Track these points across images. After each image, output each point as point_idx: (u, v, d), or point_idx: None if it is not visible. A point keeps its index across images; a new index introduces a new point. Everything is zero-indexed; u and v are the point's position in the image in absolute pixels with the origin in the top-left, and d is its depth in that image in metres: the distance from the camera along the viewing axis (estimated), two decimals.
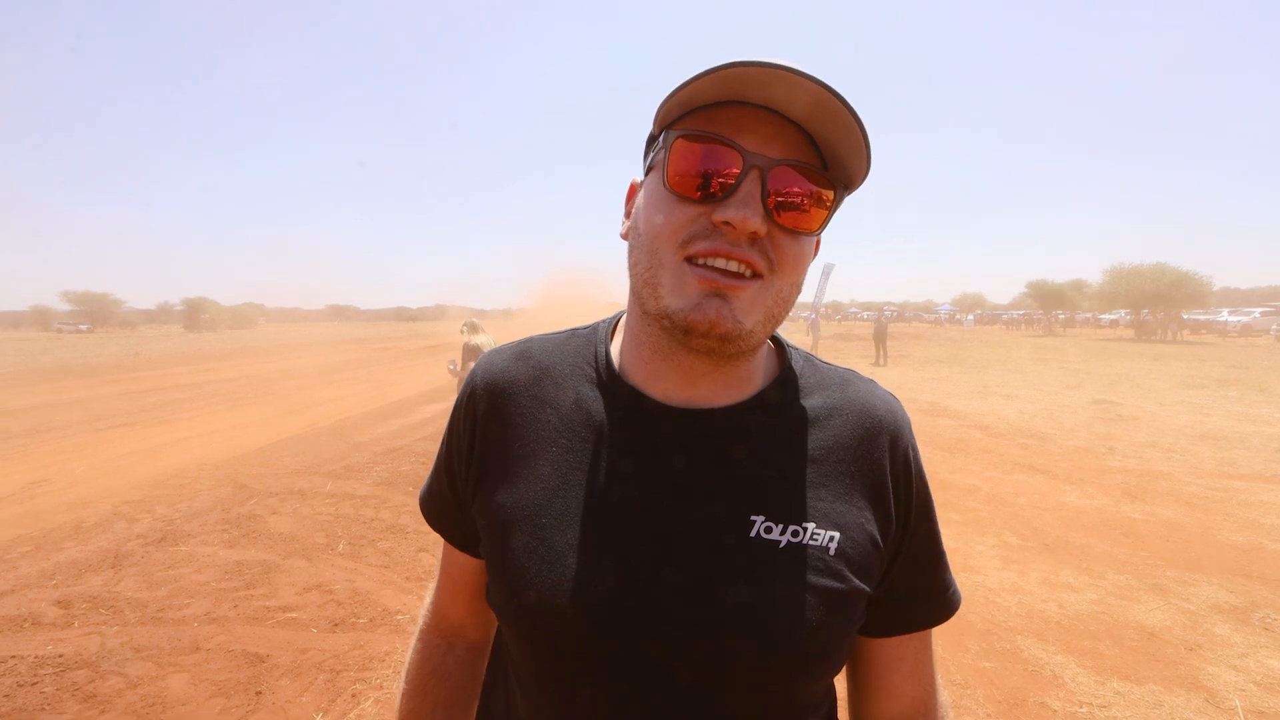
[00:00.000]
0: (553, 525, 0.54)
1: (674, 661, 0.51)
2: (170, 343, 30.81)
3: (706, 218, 0.49)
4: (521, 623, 0.55)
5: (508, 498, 0.57)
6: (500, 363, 0.64)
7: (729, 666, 0.51)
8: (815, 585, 0.52)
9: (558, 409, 0.59)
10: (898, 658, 0.62)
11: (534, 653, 0.56)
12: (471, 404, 0.63)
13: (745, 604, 0.50)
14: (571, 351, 0.63)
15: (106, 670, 2.65)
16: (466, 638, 0.73)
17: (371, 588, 3.45)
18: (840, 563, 0.53)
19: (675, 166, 0.50)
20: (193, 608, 3.20)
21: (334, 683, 2.60)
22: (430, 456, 6.37)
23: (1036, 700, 2.52)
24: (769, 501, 0.53)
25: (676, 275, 0.50)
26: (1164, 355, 20.02)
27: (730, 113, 0.50)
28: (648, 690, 0.52)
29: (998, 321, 57.30)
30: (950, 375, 14.33)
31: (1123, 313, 39.62)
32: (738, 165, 0.48)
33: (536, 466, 0.57)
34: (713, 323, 0.48)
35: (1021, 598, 3.39)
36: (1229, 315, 33.38)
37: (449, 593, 0.71)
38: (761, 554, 0.52)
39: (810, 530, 0.53)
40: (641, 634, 0.51)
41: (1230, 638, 2.99)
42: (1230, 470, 5.93)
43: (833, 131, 0.49)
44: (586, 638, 0.52)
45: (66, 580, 3.50)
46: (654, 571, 0.52)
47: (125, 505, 4.85)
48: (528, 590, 0.53)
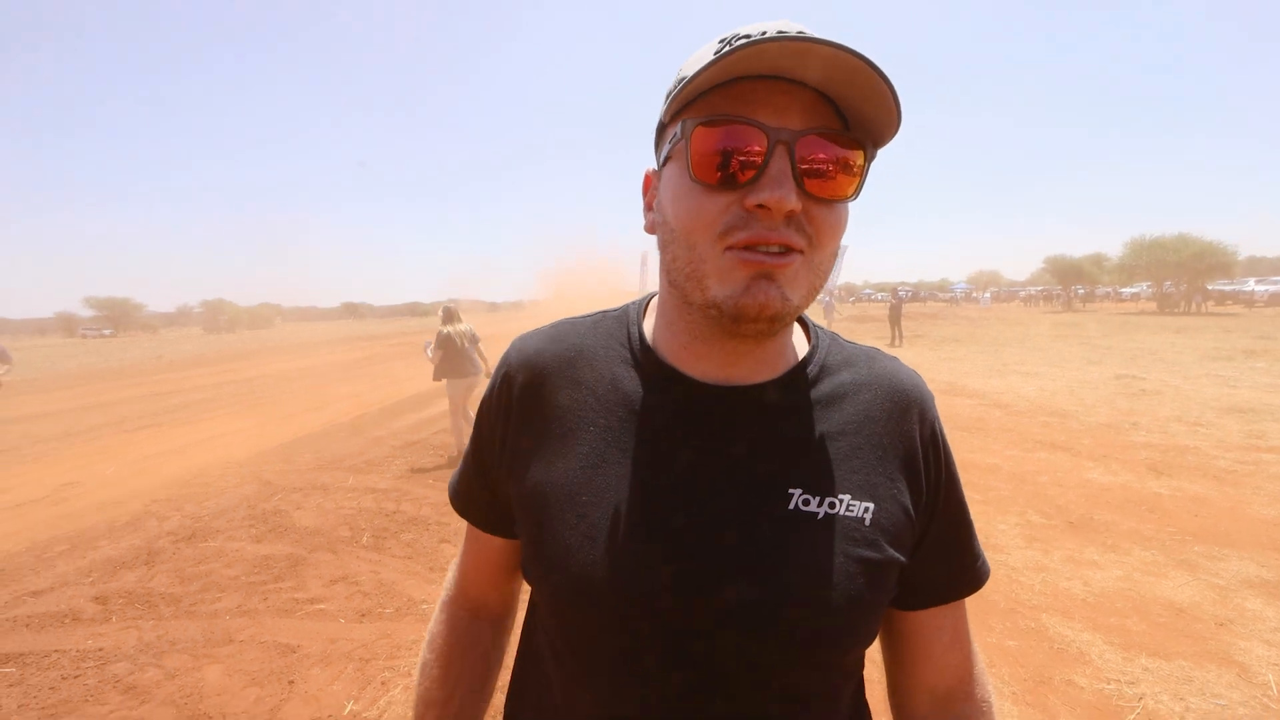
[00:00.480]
0: (592, 502, 0.55)
1: (717, 632, 0.51)
2: (191, 345, 31.35)
3: (739, 204, 0.48)
4: (560, 600, 0.55)
5: (545, 476, 0.57)
6: (533, 345, 0.64)
7: (771, 637, 0.51)
8: (853, 555, 0.52)
9: (593, 389, 0.59)
10: (937, 628, 0.62)
11: (574, 630, 0.56)
12: (506, 386, 0.63)
13: (786, 576, 0.51)
14: (604, 333, 0.63)
15: (144, 663, 2.73)
16: (490, 610, 0.74)
17: (396, 578, 3.51)
18: (876, 533, 0.54)
19: (698, 155, 0.48)
20: (224, 601, 3.27)
21: (363, 671, 2.65)
22: (448, 448, 6.45)
23: (1063, 678, 2.51)
24: (805, 475, 0.54)
25: (719, 265, 0.49)
26: (1188, 328, 19.61)
27: (742, 88, 0.48)
28: (692, 663, 0.52)
29: (1015, 299, 56.44)
30: (967, 354, 14.15)
31: (1144, 286, 38.82)
32: (762, 143, 0.47)
33: (574, 445, 0.57)
34: (763, 305, 0.48)
35: (1046, 576, 3.36)
36: (1256, 284, 32.55)
37: (474, 569, 0.72)
38: (801, 525, 0.52)
39: (846, 502, 0.54)
40: (684, 605, 0.51)
41: (1262, 612, 2.94)
42: (1259, 443, 5.80)
43: (853, 90, 0.47)
44: (629, 611, 0.52)
45: (102, 577, 3.60)
46: (696, 544, 0.52)
47: (155, 504, 4.96)
48: (569, 567, 0.53)
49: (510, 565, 0.71)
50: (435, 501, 4.80)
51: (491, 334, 7.24)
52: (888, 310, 18.08)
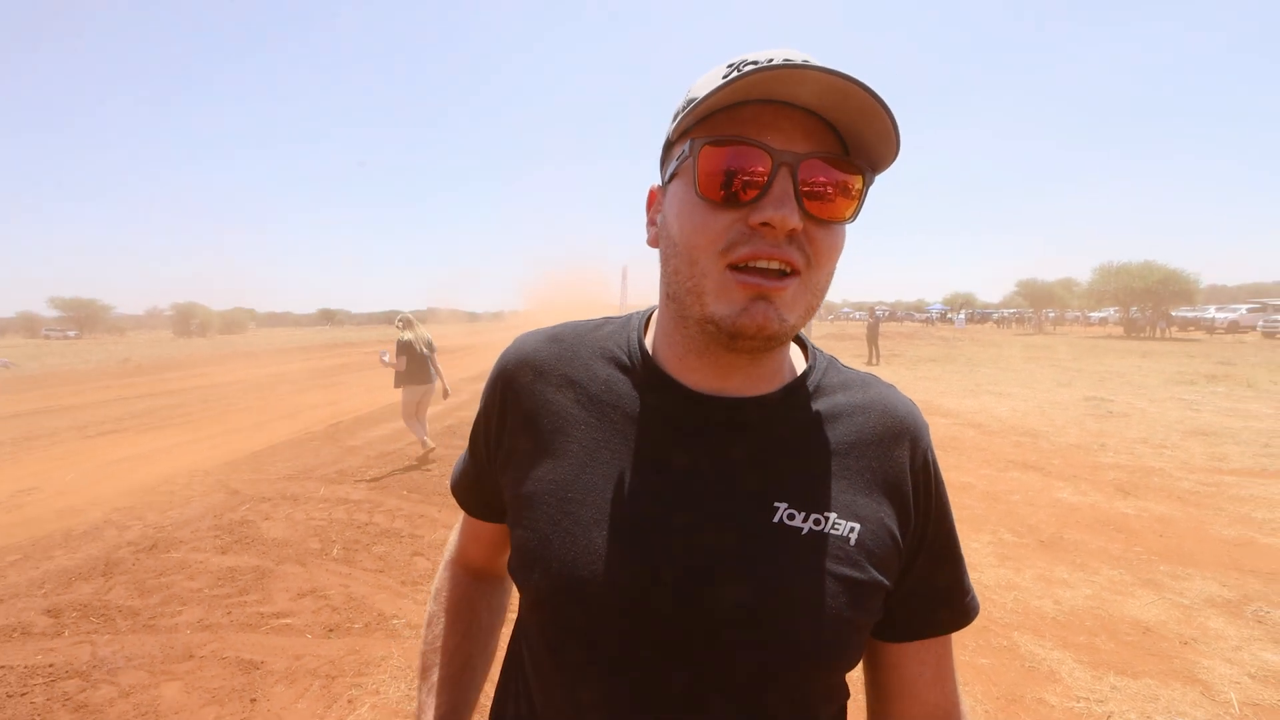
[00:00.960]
0: (578, 500, 0.55)
1: (692, 640, 0.51)
2: (160, 348, 30.56)
3: (743, 222, 0.50)
4: (542, 595, 0.55)
5: (535, 472, 0.59)
6: (532, 344, 0.65)
7: (747, 650, 0.51)
8: (835, 572, 0.53)
9: (588, 390, 0.61)
10: (921, 663, 0.62)
11: (553, 628, 0.57)
12: (503, 382, 0.64)
13: (766, 587, 0.51)
14: (604, 337, 0.65)
15: (98, 679, 2.62)
16: (490, 576, 0.79)
17: (366, 592, 3.42)
18: (860, 553, 0.54)
19: (705, 174, 0.50)
20: (185, 615, 3.16)
21: (329, 689, 2.58)
22: (425, 460, 6.35)
23: (1034, 696, 2.53)
24: (792, 490, 0.55)
25: (720, 283, 0.50)
26: (1153, 352, 20.20)
27: (749, 111, 0.50)
28: (665, 667, 0.52)
29: (988, 320, 57.68)
30: (942, 374, 14.40)
31: (1112, 310, 39.97)
32: (766, 164, 0.49)
33: (565, 444, 0.58)
34: (760, 326, 0.49)
35: (1018, 594, 3.40)
36: (1216, 312, 33.69)
37: (472, 543, 0.77)
38: (783, 539, 0.53)
39: (832, 520, 0.54)
40: (661, 610, 0.51)
41: (1224, 631, 3.01)
42: (1221, 465, 5.98)
43: (853, 118, 0.49)
44: (607, 611, 0.52)
45: (56, 589, 3.45)
46: (677, 548, 0.53)
47: (116, 512, 4.80)
48: (550, 562, 0.54)
49: (506, 543, 0.72)
50: (409, 513, 4.72)
51: (472, 344, 7.18)
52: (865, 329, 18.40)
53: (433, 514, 4.72)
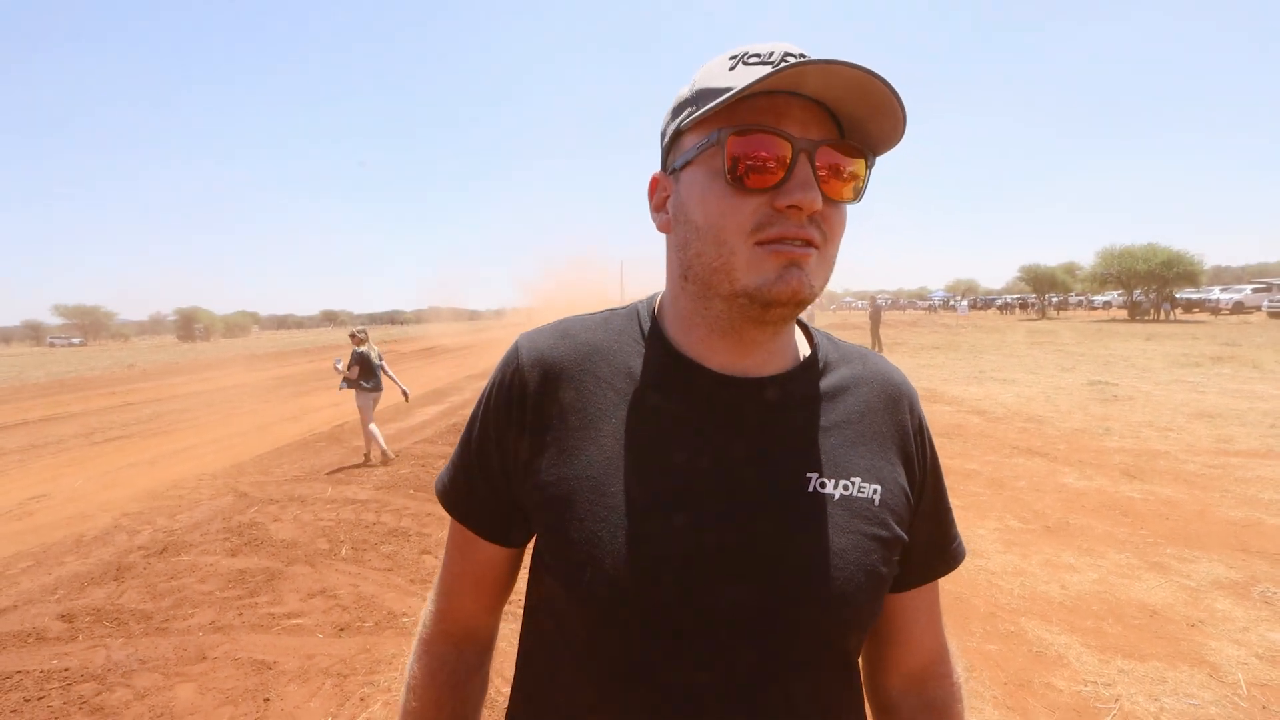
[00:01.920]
0: (620, 491, 0.56)
1: (748, 612, 0.53)
2: (164, 353, 30.67)
3: (768, 205, 0.53)
4: (594, 591, 0.54)
5: (568, 470, 0.58)
6: (543, 341, 0.64)
7: (799, 612, 0.54)
8: (866, 532, 0.57)
9: (611, 383, 0.61)
10: (915, 608, 0.67)
11: (605, 622, 0.55)
12: (518, 382, 0.62)
13: (811, 551, 0.55)
14: (615, 329, 0.65)
15: (113, 682, 2.65)
16: (477, 639, 0.71)
17: (376, 591, 3.45)
18: (884, 512, 0.58)
19: (733, 160, 0.52)
20: (197, 617, 3.19)
21: (342, 687, 2.60)
22: (430, 458, 6.37)
23: (1042, 680, 2.54)
24: (820, 459, 0.58)
25: (750, 258, 0.53)
26: (1157, 335, 20.12)
27: (766, 102, 0.53)
28: (732, 643, 0.54)
29: (991, 307, 57.49)
30: (946, 361, 14.37)
31: (1115, 294, 39.78)
32: (788, 151, 0.52)
33: (596, 437, 0.58)
34: (795, 290, 0.53)
35: (1024, 580, 3.41)
36: (1220, 293, 33.51)
37: (465, 593, 0.69)
38: (820, 506, 0.56)
39: (857, 484, 0.58)
40: (718, 585, 0.53)
41: (1231, 612, 3.01)
42: (1227, 447, 5.96)
43: (864, 110, 0.53)
44: (664, 594, 0.53)
45: (69, 594, 3.49)
46: (725, 527, 0.54)
47: (125, 518, 4.84)
48: (602, 558, 0.54)
49: (504, 581, 0.69)
50: (416, 512, 4.74)
51: (471, 344, 7.18)
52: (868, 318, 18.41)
53: (440, 512, 4.74)
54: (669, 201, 0.61)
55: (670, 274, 0.62)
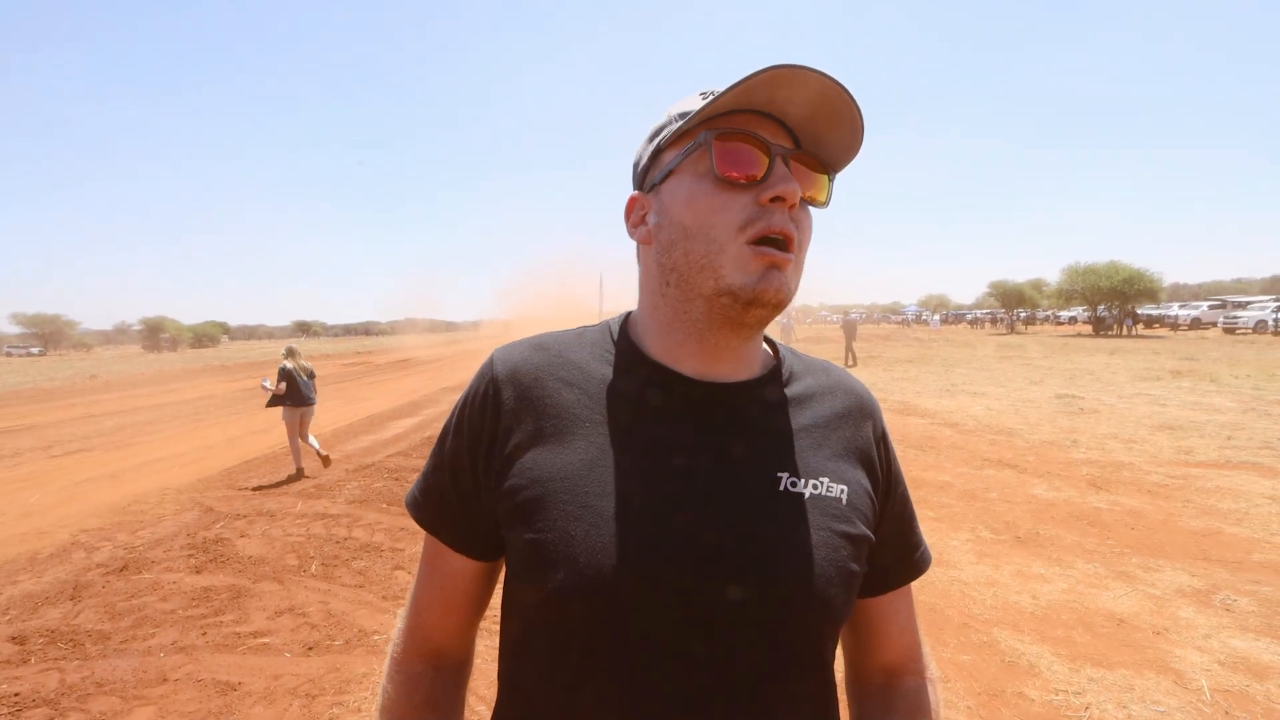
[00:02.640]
0: (595, 492, 0.57)
1: (722, 608, 0.55)
2: (129, 364, 29.77)
3: (753, 202, 0.57)
4: (567, 593, 0.54)
5: (542, 473, 0.59)
6: (519, 353, 0.66)
7: (773, 608, 0.56)
8: (835, 529, 0.59)
9: (585, 389, 0.63)
10: (892, 611, 0.70)
11: (582, 624, 0.56)
12: (493, 392, 0.63)
13: (783, 546, 0.57)
14: (589, 342, 0.67)
15: (67, 707, 2.54)
16: (451, 659, 0.70)
17: (346, 608, 3.37)
18: (851, 511, 0.61)
19: (721, 161, 0.57)
20: (158, 637, 3.08)
21: (310, 708, 2.53)
22: (403, 471, 6.27)
23: (1014, 690, 2.57)
24: (789, 460, 0.61)
25: (737, 256, 0.56)
26: (1121, 349, 20.75)
27: (738, 119, 0.59)
28: (697, 638, 0.55)
29: (962, 321, 58.74)
30: (919, 374, 14.62)
31: (1080, 310, 40.95)
32: (766, 154, 0.57)
33: (571, 442, 0.60)
34: (775, 291, 0.56)
35: (996, 590, 3.46)
36: (1179, 309, 34.73)
37: (438, 608, 0.68)
38: (790, 504, 0.59)
39: (825, 484, 0.61)
40: (693, 583, 0.54)
41: (1194, 620, 3.10)
42: (1188, 458, 6.15)
43: (826, 127, 0.59)
44: (640, 595, 0.54)
45: (21, 615, 3.34)
46: (700, 527, 0.56)
47: (84, 534, 4.66)
48: (577, 558, 0.54)
49: (478, 597, 0.68)
50: (389, 527, 4.65)
51: (449, 354, 7.11)
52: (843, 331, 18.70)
53: (413, 527, 4.65)
54: (648, 216, 0.64)
55: (648, 286, 0.65)
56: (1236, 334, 27.41)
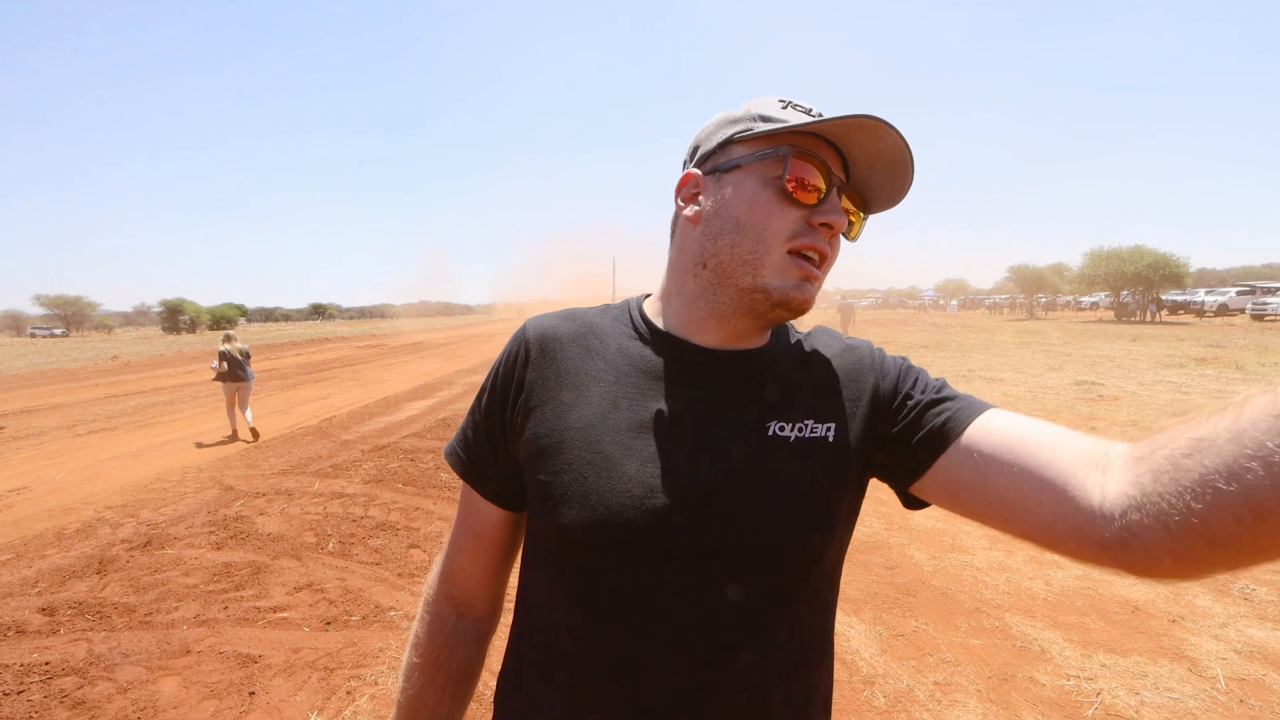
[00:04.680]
0: (607, 439, 0.64)
1: (711, 542, 0.61)
2: (149, 345, 30.29)
3: (804, 220, 0.63)
4: (578, 528, 0.62)
5: (560, 423, 0.66)
6: (548, 322, 0.74)
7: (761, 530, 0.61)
8: (815, 458, 0.64)
9: (603, 354, 0.70)
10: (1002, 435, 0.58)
11: (589, 558, 0.63)
12: (522, 351, 0.72)
13: (768, 478, 0.63)
14: (611, 316, 0.75)
15: (95, 676, 2.62)
16: (476, 609, 0.77)
17: (363, 585, 3.43)
18: (837, 442, 0.65)
19: (793, 177, 0.62)
20: (181, 611, 3.16)
21: (328, 681, 2.59)
22: (418, 452, 6.34)
23: (1025, 675, 2.57)
24: (780, 410, 0.66)
25: (780, 262, 0.63)
26: (1143, 336, 20.37)
27: (810, 140, 0.64)
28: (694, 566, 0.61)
29: (980, 306, 57.92)
30: (936, 360, 14.47)
31: (1103, 295, 40.21)
32: (827, 181, 0.63)
33: (588, 397, 0.67)
34: (804, 301, 0.64)
35: (1009, 576, 3.45)
36: (1205, 295, 33.96)
37: (468, 553, 0.76)
38: (776, 445, 0.64)
39: (811, 425, 0.66)
40: (694, 511, 0.61)
41: (1211, 609, 3.06)
42: None
43: (881, 178, 0.66)
44: (645, 530, 0.60)
45: (50, 588, 3.44)
46: (695, 470, 0.62)
47: (108, 510, 4.77)
48: (588, 496, 0.62)
49: (505, 544, 0.75)
50: (404, 506, 4.72)
51: (459, 337, 7.13)
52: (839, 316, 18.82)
53: (428, 506, 4.72)
54: (700, 197, 0.68)
55: (680, 263, 0.71)
56: (1265, 321, 26.77)
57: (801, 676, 0.66)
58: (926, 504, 0.65)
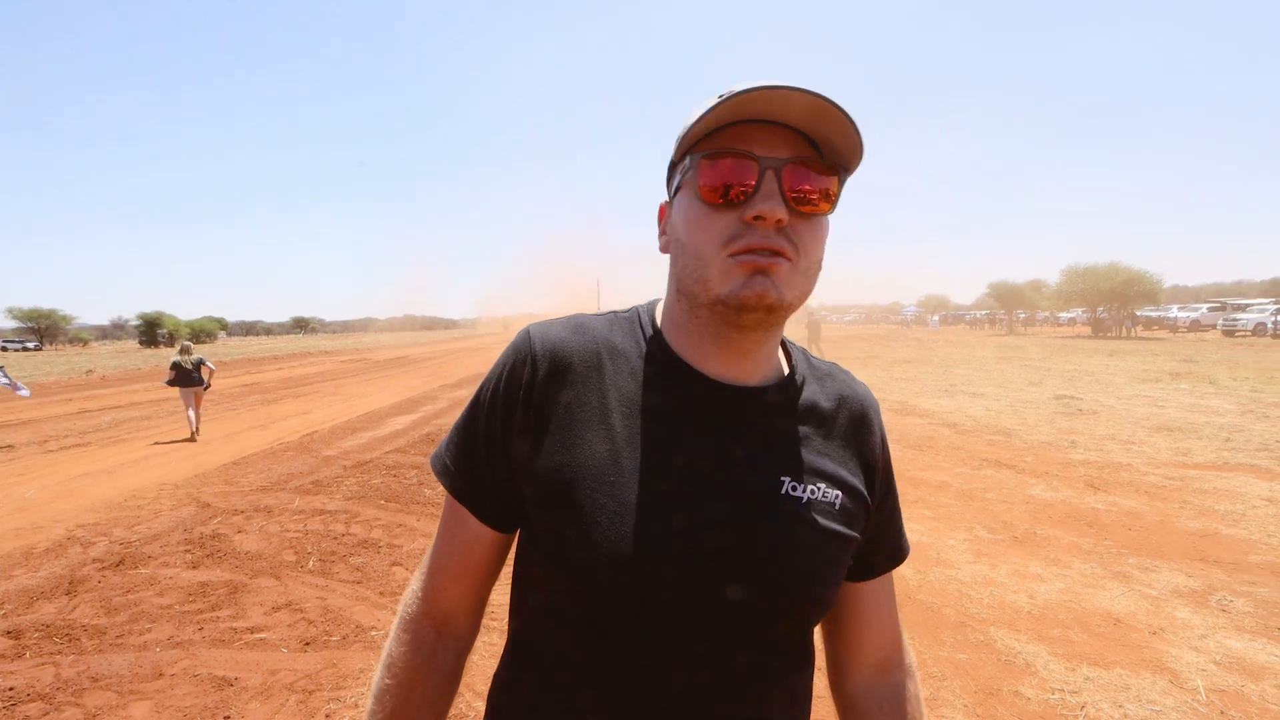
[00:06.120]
0: (621, 483, 0.61)
1: (721, 606, 0.59)
2: (125, 359, 29.71)
3: (738, 220, 0.59)
4: (587, 575, 0.59)
5: (571, 459, 0.62)
6: (556, 333, 0.69)
7: (774, 600, 0.60)
8: (826, 529, 0.63)
9: (615, 381, 0.66)
10: (876, 598, 0.74)
11: (600, 604, 0.60)
12: (528, 368, 0.66)
13: (779, 545, 0.61)
14: (621, 332, 0.70)
15: (62, 702, 2.53)
16: (455, 627, 0.72)
17: (344, 604, 3.36)
18: (842, 515, 0.65)
19: (705, 182, 0.60)
20: (154, 632, 3.07)
21: (306, 704, 2.52)
22: (401, 468, 6.26)
23: (1010, 689, 2.58)
24: (793, 466, 0.64)
25: (722, 268, 0.59)
26: (1119, 351, 20.77)
27: (741, 129, 0.60)
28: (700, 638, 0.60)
29: (961, 322, 58.78)
30: (918, 375, 14.63)
31: (1080, 311, 41.02)
32: (755, 169, 0.58)
33: (600, 431, 0.63)
34: (760, 295, 0.58)
35: (993, 590, 3.47)
36: (1179, 311, 34.77)
37: (453, 574, 0.70)
38: (790, 507, 0.63)
39: (822, 489, 0.64)
40: (694, 580, 0.59)
41: (1190, 620, 3.10)
42: (1185, 460, 6.16)
43: (827, 129, 0.59)
44: (645, 585, 0.59)
45: (16, 609, 3.33)
46: (710, 521, 0.60)
47: (79, 529, 4.64)
48: (601, 543, 0.59)
49: (492, 566, 0.71)
50: (387, 523, 4.65)
51: (443, 352, 7.08)
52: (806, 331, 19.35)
53: (411, 523, 4.65)
54: (667, 224, 0.68)
55: (669, 288, 0.69)
56: (1235, 336, 27.45)
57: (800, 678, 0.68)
58: None
